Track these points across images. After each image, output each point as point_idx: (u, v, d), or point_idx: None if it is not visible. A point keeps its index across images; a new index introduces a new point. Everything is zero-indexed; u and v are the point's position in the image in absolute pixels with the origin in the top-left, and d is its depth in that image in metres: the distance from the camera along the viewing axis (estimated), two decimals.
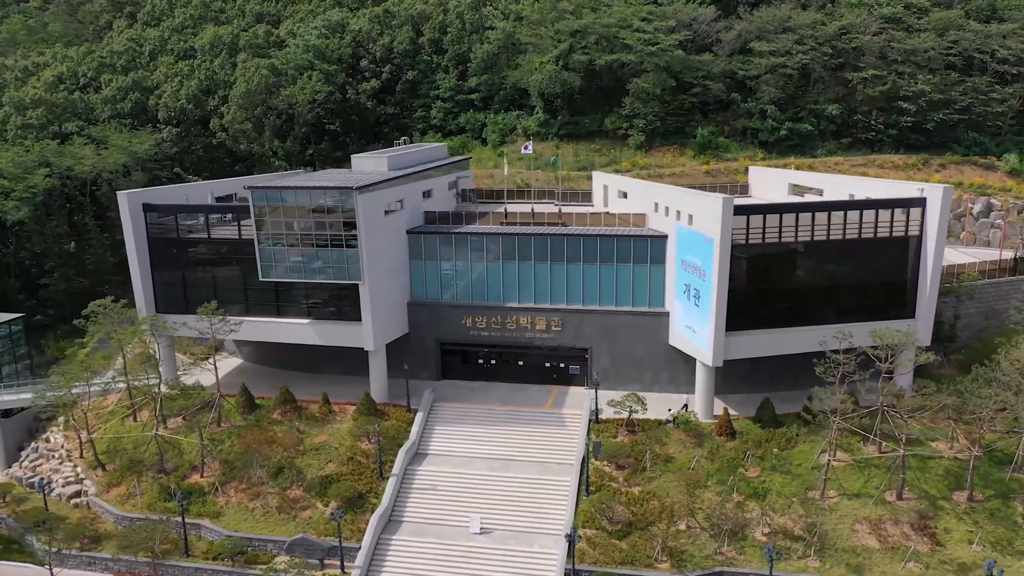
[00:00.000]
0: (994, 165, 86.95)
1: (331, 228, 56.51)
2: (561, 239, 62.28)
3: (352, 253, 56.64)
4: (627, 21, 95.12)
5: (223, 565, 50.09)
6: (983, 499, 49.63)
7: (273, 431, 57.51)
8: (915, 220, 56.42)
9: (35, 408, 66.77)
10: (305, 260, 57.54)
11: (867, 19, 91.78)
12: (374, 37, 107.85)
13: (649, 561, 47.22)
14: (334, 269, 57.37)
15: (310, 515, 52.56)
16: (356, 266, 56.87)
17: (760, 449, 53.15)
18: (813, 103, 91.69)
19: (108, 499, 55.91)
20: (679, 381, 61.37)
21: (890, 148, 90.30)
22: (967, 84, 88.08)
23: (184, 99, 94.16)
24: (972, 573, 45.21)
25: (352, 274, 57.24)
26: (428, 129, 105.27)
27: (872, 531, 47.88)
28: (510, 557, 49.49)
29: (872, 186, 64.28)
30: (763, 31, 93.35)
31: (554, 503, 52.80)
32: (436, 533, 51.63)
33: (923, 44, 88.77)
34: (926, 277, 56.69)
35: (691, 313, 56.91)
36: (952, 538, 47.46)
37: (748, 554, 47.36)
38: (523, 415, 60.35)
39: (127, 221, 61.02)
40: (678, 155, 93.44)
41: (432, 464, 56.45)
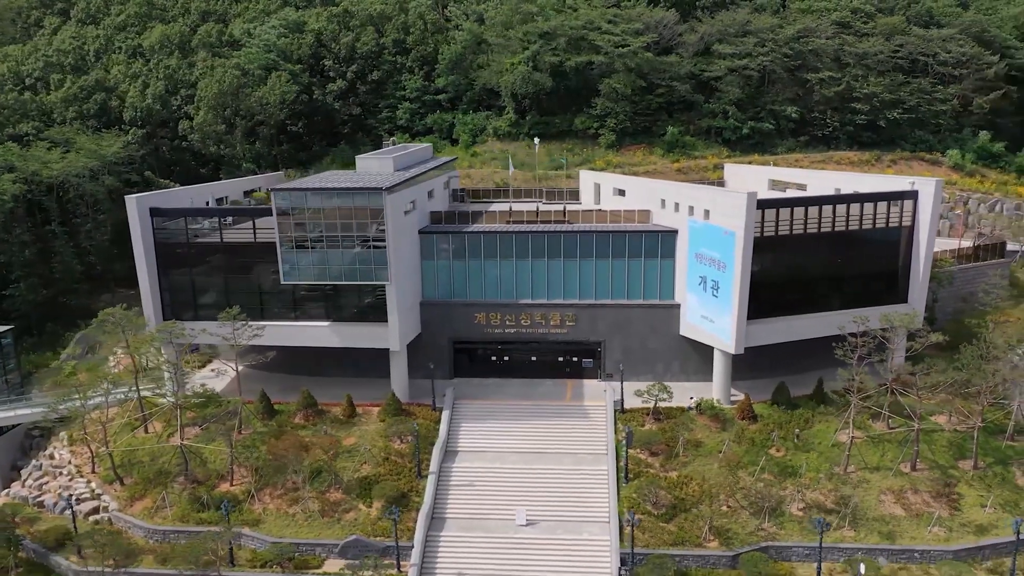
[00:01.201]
0: (939, 160, 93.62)
1: (358, 229, 56.38)
2: (574, 236, 63.93)
3: (379, 254, 56.70)
4: (594, 23, 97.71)
5: (272, 572, 49.46)
6: (985, 466, 54.09)
7: (302, 435, 56.89)
8: (908, 212, 60.75)
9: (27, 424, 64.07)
10: (330, 262, 57.17)
11: (821, 23, 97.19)
12: (336, 37, 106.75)
13: (698, 541, 49.45)
14: (360, 270, 57.26)
15: (355, 517, 52.44)
16: (383, 267, 56.96)
17: (782, 431, 56.22)
18: (772, 103, 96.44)
19: (133, 513, 54.15)
20: (689, 370, 63.96)
21: (845, 145, 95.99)
22: (913, 85, 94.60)
23: (151, 99, 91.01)
24: (989, 533, 49.38)
25: (379, 275, 57.29)
26: (395, 130, 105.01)
27: (896, 500, 51.59)
28: (561, 546, 50.79)
29: (852, 180, 68.68)
30: (724, 34, 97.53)
31: (594, 491, 54.42)
32: (483, 528, 52.43)
33: (873, 48, 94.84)
34: (919, 264, 61.16)
35: (708, 304, 59.57)
36: (966, 503, 51.63)
37: (788, 528, 50.24)
38: (546, 408, 61.71)
39: (135, 226, 59.21)
40: (648, 154, 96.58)
41: (465, 460, 57.15)
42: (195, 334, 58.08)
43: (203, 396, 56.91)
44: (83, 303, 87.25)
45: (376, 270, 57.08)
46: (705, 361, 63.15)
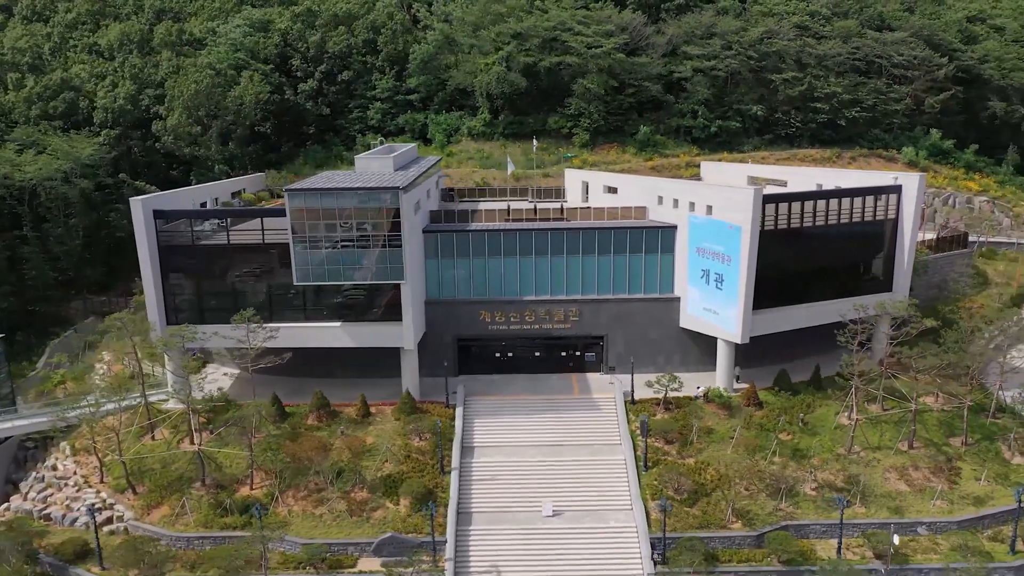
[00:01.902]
0: (895, 157, 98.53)
1: (374, 229, 56.53)
2: (576, 232, 65.33)
3: (395, 253, 56.95)
4: (566, 25, 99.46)
5: (307, 573, 49.32)
6: (974, 442, 57.78)
7: (320, 437, 56.73)
8: (892, 205, 64.24)
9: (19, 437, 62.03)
10: (345, 262, 57.13)
11: (782, 26, 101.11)
12: (303, 36, 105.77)
13: (723, 523, 51.48)
14: (376, 270, 57.39)
15: (383, 515, 52.65)
16: (399, 266, 57.24)
17: (787, 416, 58.82)
18: (739, 103, 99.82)
19: (152, 522, 53.09)
20: (689, 361, 66.08)
21: (807, 143, 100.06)
22: (869, 86, 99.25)
23: (122, 100, 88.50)
24: (987, 504, 52.88)
25: (394, 274, 57.54)
26: (366, 130, 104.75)
27: (900, 477, 54.71)
28: (589, 534, 52.12)
29: (830, 176, 72.12)
30: (691, 36, 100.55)
31: (613, 480, 55.94)
32: (511, 520, 53.35)
33: (831, 50, 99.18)
34: (903, 255, 64.72)
35: (712, 296, 61.80)
36: (962, 476, 55.09)
37: (803, 508, 52.74)
38: (556, 402, 62.98)
39: (140, 229, 57.85)
40: (621, 152, 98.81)
41: (484, 455, 57.94)
42: (207, 337, 57.16)
43: (220, 400, 56.00)
44: (53, 311, 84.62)
45: (392, 269, 57.31)
46: (704, 352, 65.45)
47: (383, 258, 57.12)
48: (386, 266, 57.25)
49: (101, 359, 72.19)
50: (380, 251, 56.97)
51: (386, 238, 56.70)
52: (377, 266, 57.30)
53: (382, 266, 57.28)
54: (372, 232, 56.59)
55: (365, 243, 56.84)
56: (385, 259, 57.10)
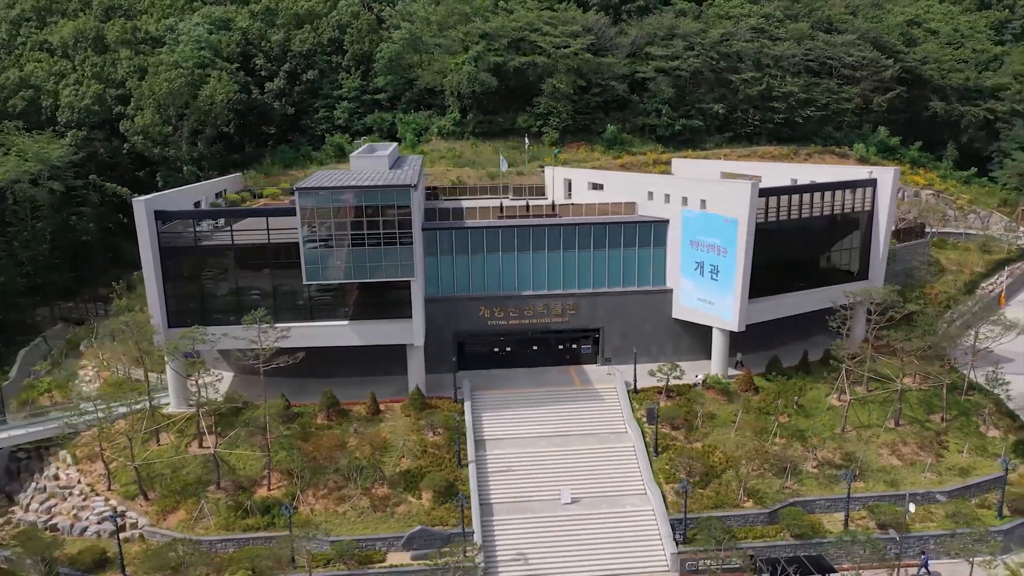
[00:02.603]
0: (847, 154, 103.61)
1: (385, 226, 56.88)
2: (572, 228, 66.97)
3: (406, 250, 57.41)
4: (534, 25, 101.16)
5: (338, 570, 49.46)
6: (952, 418, 61.83)
7: (336, 434, 56.80)
8: (868, 198, 68.02)
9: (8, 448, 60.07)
10: (355, 260, 57.29)
11: (739, 28, 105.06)
12: (265, 35, 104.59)
13: (735, 502, 53.86)
14: (386, 267, 57.71)
15: (407, 510, 53.15)
16: (409, 263, 57.73)
17: (783, 399, 61.74)
18: (700, 102, 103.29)
19: (169, 527, 52.26)
20: (681, 350, 68.46)
21: (765, 140, 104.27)
22: (822, 86, 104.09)
23: (89, 100, 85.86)
24: (972, 474, 56.74)
25: (405, 271, 57.99)
26: (333, 130, 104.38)
27: (892, 453, 58.19)
28: (608, 519, 53.78)
29: (803, 172, 75.61)
30: (653, 37, 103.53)
31: (624, 466, 57.77)
32: (530, 509, 54.57)
33: (787, 51, 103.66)
34: (878, 245, 68.63)
35: (707, 287, 64.29)
36: (947, 450, 58.96)
37: (807, 485, 55.62)
38: (560, 394, 64.46)
39: (143, 230, 56.74)
40: (590, 151, 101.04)
41: (497, 448, 58.97)
42: (216, 339, 56.47)
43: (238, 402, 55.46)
44: (20, 319, 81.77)
45: (402, 266, 57.73)
46: (695, 341, 68.02)
47: (393, 255, 57.51)
48: (397, 263, 57.64)
49: (84, 366, 70.22)
50: (390, 248, 57.33)
51: (397, 235, 57.10)
52: (387, 263, 57.62)
53: (392, 263, 57.64)
54: (383, 230, 56.89)
55: (376, 241, 57.10)
56: (396, 256, 57.49)
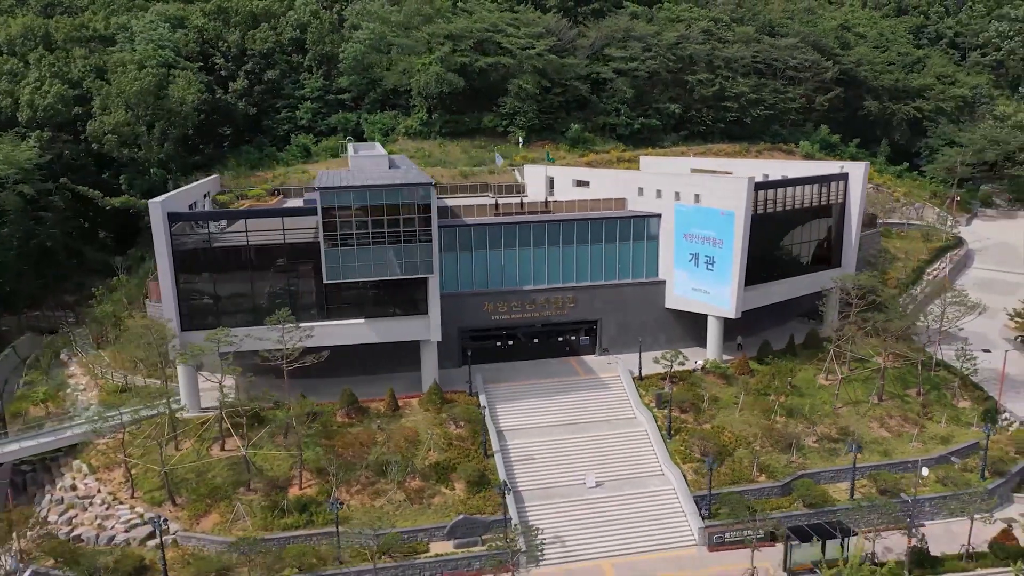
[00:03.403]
0: (793, 151, 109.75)
1: (405, 224, 57.75)
2: (571, 223, 69.34)
3: (425, 247, 58.42)
4: (498, 27, 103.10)
5: (384, 563, 50.21)
6: (926, 392, 67.22)
7: (368, 431, 57.42)
8: (840, 191, 72.98)
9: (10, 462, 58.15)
10: (375, 258, 57.94)
11: (692, 31, 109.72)
12: (221, 34, 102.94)
13: (750, 477, 57.30)
14: (405, 264, 58.59)
15: (442, 500, 54.31)
16: (428, 260, 58.76)
17: (778, 380, 65.75)
18: (657, 101, 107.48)
19: (204, 530, 51.80)
20: (674, 339, 71.63)
21: (718, 138, 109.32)
22: (770, 87, 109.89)
23: (51, 99, 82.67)
24: (952, 441, 61.98)
25: (424, 268, 58.98)
26: (296, 130, 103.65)
27: (880, 426, 62.93)
28: (633, 500, 56.35)
29: (773, 167, 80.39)
30: (612, 39, 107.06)
31: (639, 449, 60.49)
32: (558, 495, 56.57)
33: (736, 53, 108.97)
34: (851, 235, 73.71)
35: (702, 277, 67.72)
36: (931, 420, 64.14)
37: (811, 458, 59.61)
38: (567, 384, 66.66)
39: (159, 233, 55.77)
40: (555, 149, 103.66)
41: (516, 438, 60.67)
42: (239, 340, 56.10)
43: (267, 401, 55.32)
44: None
45: (422, 263, 58.72)
46: (686, 330, 71.45)
47: (412, 252, 58.45)
48: (416, 260, 58.59)
49: (73, 374, 68.14)
50: (410, 246, 58.25)
51: (417, 233, 58.06)
52: (407, 261, 58.52)
53: (412, 260, 58.57)
54: (404, 228, 57.75)
55: (396, 238, 57.90)
56: (415, 253, 58.45)
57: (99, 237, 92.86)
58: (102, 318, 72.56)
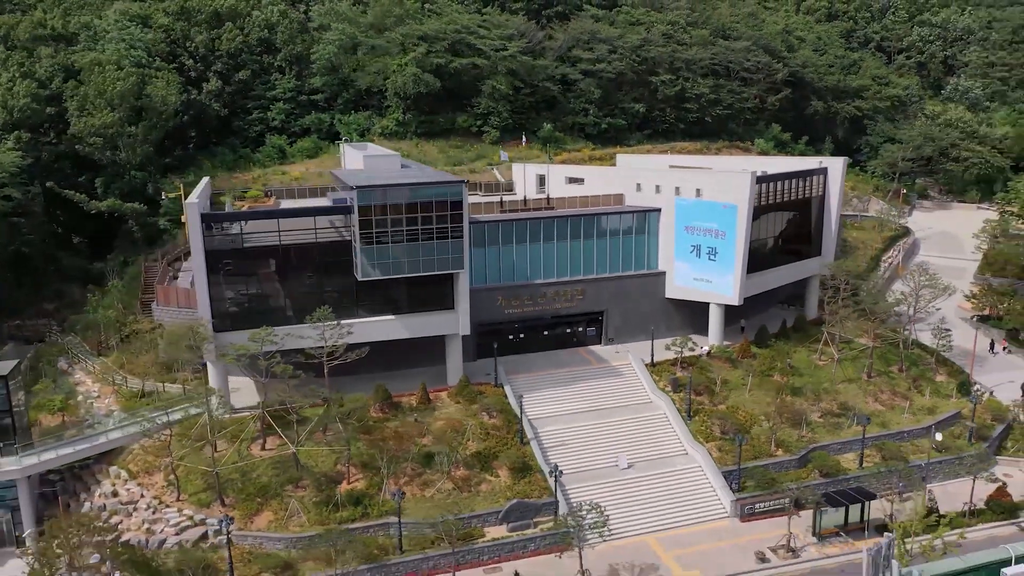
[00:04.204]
0: (749, 148, 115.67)
1: (438, 221, 59.18)
2: (579, 219, 72.04)
3: (456, 243, 59.98)
4: (470, 28, 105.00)
5: (442, 549, 51.60)
6: (907, 368, 72.98)
7: (412, 424, 58.70)
8: (820, 184, 78.19)
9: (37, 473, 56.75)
10: (408, 255, 59.12)
11: (653, 34, 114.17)
12: (190, 34, 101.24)
13: (769, 452, 61.25)
14: (437, 261, 59.97)
15: (489, 487, 56.06)
16: (460, 255, 60.34)
17: (778, 362, 70.13)
18: (623, 102, 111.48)
19: (259, 528, 52.01)
20: (673, 327, 75.21)
21: (680, 137, 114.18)
22: (727, 87, 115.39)
23: (25, 98, 79.81)
24: (938, 412, 67.63)
25: (455, 263, 60.51)
26: (268, 131, 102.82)
27: (875, 400, 68.07)
28: (665, 478, 59.53)
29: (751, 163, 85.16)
30: (578, 41, 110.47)
31: (660, 431, 63.71)
32: (595, 476, 59.16)
33: (696, 56, 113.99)
34: (830, 225, 79.06)
35: (704, 267, 71.51)
36: (920, 393, 69.70)
37: (819, 432, 64.08)
38: (582, 373, 69.31)
39: (196, 234, 55.49)
40: (528, 148, 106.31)
41: (545, 425, 62.85)
42: (280, 339, 56.30)
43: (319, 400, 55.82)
44: None
45: (453, 259, 60.24)
46: (684, 318, 75.19)
47: (444, 249, 59.90)
48: (448, 256, 60.06)
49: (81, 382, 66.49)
50: (441, 242, 59.69)
51: (449, 229, 59.56)
52: (439, 257, 59.90)
53: (443, 256, 60.00)
54: (436, 224, 59.16)
55: (429, 235, 59.25)
56: (447, 250, 59.92)
57: (73, 243, 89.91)
58: (104, 324, 70.82)
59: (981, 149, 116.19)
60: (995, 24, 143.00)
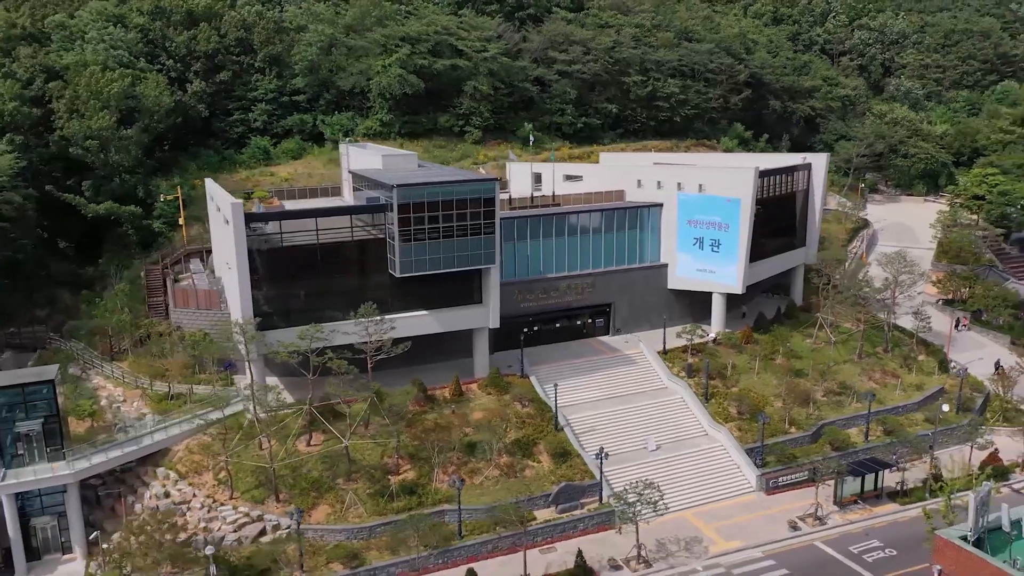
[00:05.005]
0: (715, 146, 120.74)
1: (472, 218, 61.02)
2: (587, 215, 74.96)
3: (488, 239, 61.92)
4: (451, 30, 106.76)
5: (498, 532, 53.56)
6: (891, 348, 78.46)
7: (459, 414, 60.66)
8: (805, 179, 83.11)
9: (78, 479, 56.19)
10: (444, 252, 60.77)
11: (623, 36, 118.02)
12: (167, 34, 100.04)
13: (784, 429, 65.31)
14: (471, 256, 61.83)
15: (533, 472, 58.33)
16: (492, 250, 62.31)
17: (779, 346, 74.46)
18: (597, 102, 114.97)
19: (319, 521, 52.95)
20: (674, 316, 78.67)
21: (651, 136, 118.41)
22: (694, 88, 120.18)
23: (13, 101, 77.75)
24: (925, 388, 73.11)
25: (487, 259, 62.46)
26: (249, 132, 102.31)
27: (868, 379, 73.10)
28: (691, 457, 62.93)
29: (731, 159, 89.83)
30: (553, 43, 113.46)
31: (680, 415, 67.13)
32: (626, 459, 62.02)
33: (664, 57, 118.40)
34: (814, 218, 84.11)
35: (708, 259, 75.29)
36: (910, 371, 75.10)
37: (824, 410, 68.55)
38: (599, 362, 72.13)
39: (240, 234, 55.86)
40: (508, 148, 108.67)
41: (573, 412, 65.38)
42: (326, 337, 57.14)
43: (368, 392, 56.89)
44: None
45: (485, 255, 62.18)
46: (685, 308, 78.91)
47: (477, 244, 61.80)
48: (480, 251, 61.98)
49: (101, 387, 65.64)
50: (475, 238, 61.58)
51: (482, 225, 61.47)
52: (472, 252, 61.77)
53: (476, 252, 61.89)
54: (470, 221, 61.00)
55: (463, 232, 61.04)
56: (480, 245, 61.83)
57: (59, 248, 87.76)
58: (117, 328, 69.91)
59: (926, 145, 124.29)
60: (927, 28, 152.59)
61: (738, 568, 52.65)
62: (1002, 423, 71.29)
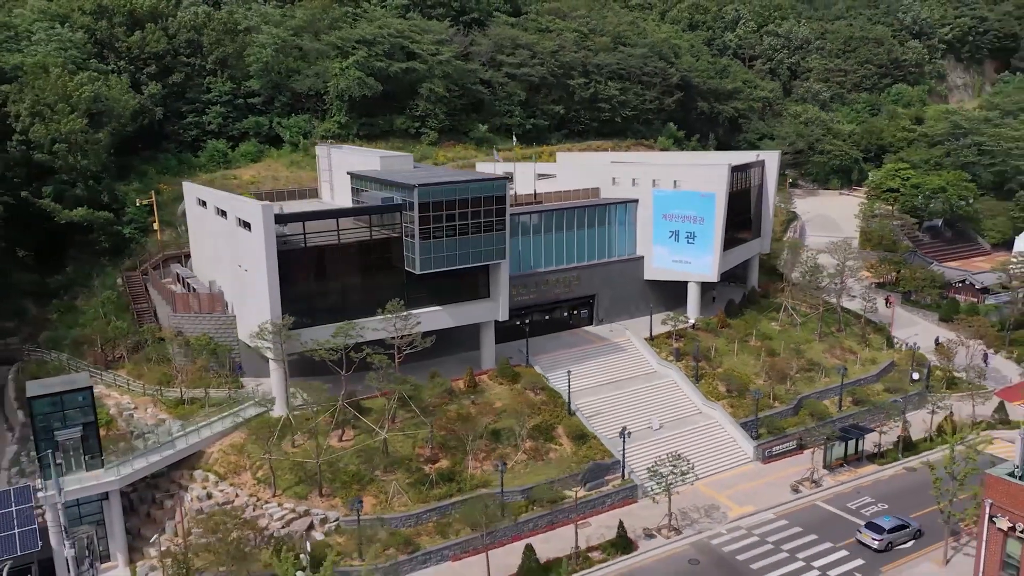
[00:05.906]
0: (652, 145, 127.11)
1: (484, 215, 63.53)
2: (573, 211, 78.66)
3: (499, 235, 64.60)
4: (405, 33, 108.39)
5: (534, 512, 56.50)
6: (844, 328, 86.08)
7: (486, 403, 63.15)
8: (759, 174, 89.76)
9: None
10: (459, 248, 63.05)
11: (565, 40, 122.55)
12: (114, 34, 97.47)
13: (770, 404, 71.04)
14: (484, 252, 64.35)
15: (557, 455, 61.44)
16: (503, 246, 65.00)
17: (751, 329, 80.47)
18: (543, 103, 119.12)
19: (365, 513, 54.16)
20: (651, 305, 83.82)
21: (594, 136, 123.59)
22: (631, 90, 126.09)
23: None
24: (879, 361, 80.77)
25: (498, 254, 65.10)
26: (204, 135, 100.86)
27: (832, 356, 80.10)
28: (692, 433, 67.65)
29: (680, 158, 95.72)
30: (501, 47, 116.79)
31: (673, 395, 71.82)
32: (634, 438, 65.92)
33: (604, 61, 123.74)
34: (768, 210, 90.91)
35: (684, 250, 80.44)
36: (869, 347, 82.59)
37: (799, 385, 74.82)
38: (591, 351, 75.90)
39: (265, 236, 56.31)
40: (464, 148, 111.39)
41: (578, 397, 68.84)
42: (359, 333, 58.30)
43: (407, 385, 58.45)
44: None
45: (496, 250, 64.81)
46: (660, 298, 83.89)
47: (489, 240, 64.37)
48: (492, 247, 64.56)
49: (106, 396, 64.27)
50: (487, 235, 64.13)
51: (494, 222, 64.09)
52: (484, 248, 64.30)
53: (488, 248, 64.43)
54: (483, 218, 63.50)
55: (477, 229, 63.48)
56: (491, 241, 64.41)
57: (19, 257, 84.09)
58: (112, 336, 68.41)
59: (839, 143, 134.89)
60: (828, 35, 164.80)
61: (757, 529, 57.58)
62: (946, 390, 79.57)
